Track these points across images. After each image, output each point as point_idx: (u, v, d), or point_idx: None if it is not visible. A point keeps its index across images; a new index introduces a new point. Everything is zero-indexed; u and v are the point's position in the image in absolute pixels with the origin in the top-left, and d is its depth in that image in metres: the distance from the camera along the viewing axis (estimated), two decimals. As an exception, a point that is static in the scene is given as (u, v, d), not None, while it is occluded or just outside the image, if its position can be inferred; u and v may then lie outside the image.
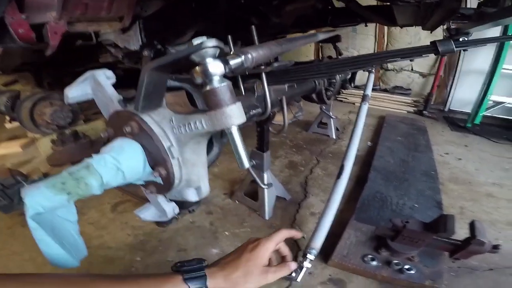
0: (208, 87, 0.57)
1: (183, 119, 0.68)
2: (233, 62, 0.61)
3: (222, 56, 0.61)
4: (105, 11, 1.48)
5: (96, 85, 0.84)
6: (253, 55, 0.68)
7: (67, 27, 1.39)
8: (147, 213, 1.00)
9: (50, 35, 1.33)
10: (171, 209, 0.98)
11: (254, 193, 1.95)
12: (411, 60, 1.13)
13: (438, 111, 4.25)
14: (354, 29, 4.59)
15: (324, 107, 3.01)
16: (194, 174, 0.78)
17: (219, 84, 0.57)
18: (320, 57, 4.41)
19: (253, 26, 1.11)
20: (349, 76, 2.42)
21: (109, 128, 0.83)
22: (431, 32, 3.11)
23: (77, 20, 1.44)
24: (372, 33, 4.69)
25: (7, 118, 4.01)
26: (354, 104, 4.47)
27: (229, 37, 1.18)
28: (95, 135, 3.18)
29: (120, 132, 0.76)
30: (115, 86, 0.87)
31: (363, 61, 0.91)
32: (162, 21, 1.60)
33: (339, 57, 2.19)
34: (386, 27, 4.55)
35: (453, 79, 4.16)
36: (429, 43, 0.86)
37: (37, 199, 0.61)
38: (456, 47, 0.80)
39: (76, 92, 0.85)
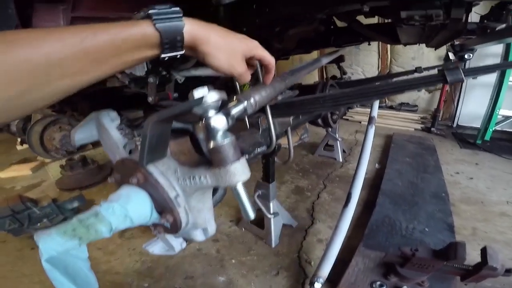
0: (211, 144, 0.57)
1: (188, 171, 0.68)
2: (235, 110, 0.61)
3: (225, 105, 0.61)
4: None
5: (100, 128, 0.85)
6: (256, 98, 0.68)
7: None
8: (155, 248, 1.00)
9: None
10: (178, 244, 0.99)
11: (260, 220, 1.93)
12: (418, 91, 1.11)
13: (446, 127, 4.20)
14: (357, 46, 4.62)
15: (330, 130, 2.99)
16: (200, 218, 0.78)
17: (222, 140, 0.57)
18: (325, 78, 4.43)
19: (257, 62, 1.12)
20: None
21: (116, 174, 0.83)
22: (435, 50, 3.10)
23: None
24: (375, 49, 4.70)
25: (18, 139, 4.11)
26: (360, 122, 4.45)
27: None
28: (103, 160, 3.22)
29: (127, 180, 0.76)
30: (123, 107, 0.88)
31: (370, 92, 0.89)
32: None
33: (343, 80, 2.18)
34: (389, 43, 4.57)
35: (460, 93, 4.12)
36: (436, 71, 0.85)
37: (50, 244, 0.63)
38: (465, 76, 0.78)
39: (82, 134, 0.86)
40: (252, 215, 0.64)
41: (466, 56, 1.92)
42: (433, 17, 0.96)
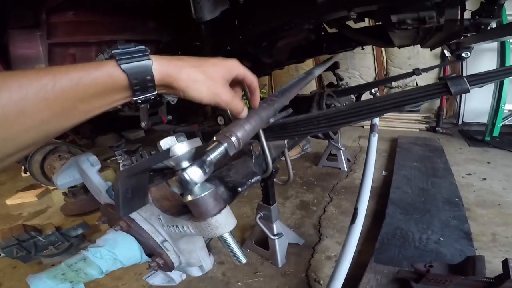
0: (189, 197, 0.52)
1: (171, 220, 0.64)
2: (214, 155, 0.55)
3: (202, 150, 0.56)
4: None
5: (81, 173, 0.82)
6: (238, 136, 0.62)
7: None
8: (156, 279, 0.97)
9: None
10: (178, 276, 0.96)
11: (265, 240, 1.86)
12: (420, 105, 1.05)
13: (452, 125, 4.10)
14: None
15: (332, 140, 2.92)
16: (193, 258, 0.74)
17: (200, 193, 0.51)
18: (321, 86, 4.37)
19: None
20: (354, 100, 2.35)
21: (103, 217, 0.79)
22: (431, 50, 3.04)
23: None
24: (370, 51, 4.67)
25: (22, 167, 4.15)
26: (363, 127, 4.38)
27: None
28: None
29: (113, 223, 0.73)
30: (124, 128, 0.84)
31: (367, 110, 0.84)
32: None
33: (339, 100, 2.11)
34: (383, 44, 4.54)
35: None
36: (435, 72, 0.80)
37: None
38: (470, 86, 0.72)
39: (64, 179, 0.83)
40: (243, 260, 0.60)
41: (463, 55, 1.85)
42: (426, 19, 0.90)
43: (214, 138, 0.59)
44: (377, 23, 1.55)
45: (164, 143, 0.51)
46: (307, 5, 0.87)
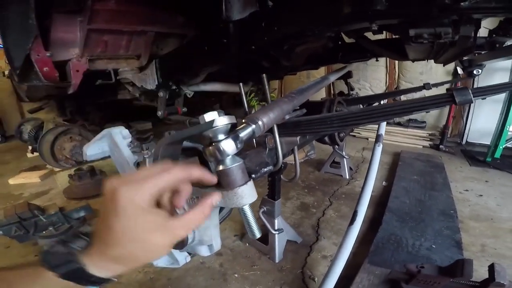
0: (220, 167, 0.58)
1: (196, 192, 0.69)
2: (244, 133, 0.62)
3: (233, 128, 0.63)
4: (124, 50, 1.58)
5: (112, 144, 0.87)
6: (264, 121, 0.69)
7: (88, 64, 1.49)
8: (159, 260, 1.00)
9: (72, 73, 1.44)
10: (183, 258, 0.99)
11: (264, 236, 1.92)
12: (426, 112, 1.11)
13: (455, 145, 4.14)
14: (364, 61, 4.63)
15: (337, 147, 2.98)
16: (206, 235, 0.78)
17: (231, 164, 0.58)
18: (332, 94, 4.44)
19: (264, 75, 1.13)
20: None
21: None
22: (443, 65, 3.07)
23: (98, 58, 1.55)
24: (383, 64, 4.69)
25: (29, 147, 4.20)
26: (367, 139, 4.44)
27: (241, 85, 1.22)
28: (110, 171, 3.26)
29: None
30: (132, 119, 0.89)
31: (378, 113, 0.90)
32: (177, 61, 1.66)
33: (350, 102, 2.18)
34: (397, 58, 4.56)
35: (469, 109, 4.07)
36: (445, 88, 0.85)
37: None
38: (474, 97, 0.77)
39: (94, 150, 0.88)
40: (258, 234, 0.65)
41: (475, 72, 1.90)
42: (442, 35, 0.95)
43: (244, 120, 0.66)
44: (393, 37, 1.61)
45: (208, 116, 0.57)
46: (333, 14, 0.92)
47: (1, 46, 1.25)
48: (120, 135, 0.86)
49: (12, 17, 1.15)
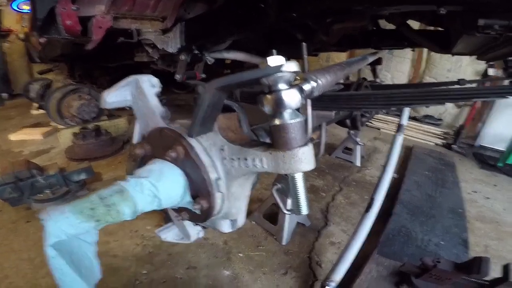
0: (277, 121, 0.49)
1: (238, 151, 0.59)
2: (307, 88, 0.53)
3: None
4: (150, 10, 1.52)
5: (138, 93, 0.77)
6: (322, 81, 0.60)
7: (112, 22, 1.43)
8: (169, 234, 0.93)
9: (94, 30, 1.39)
10: (196, 232, 0.91)
11: (272, 216, 1.87)
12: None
13: (468, 146, 4.05)
14: (390, 51, 4.44)
15: (352, 132, 2.89)
16: (234, 207, 0.70)
17: (292, 119, 0.48)
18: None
19: (304, 44, 1.04)
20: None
21: (146, 145, 0.74)
22: (486, 63, 2.91)
23: (123, 16, 1.49)
24: (409, 56, 4.52)
25: (35, 105, 4.12)
26: (379, 129, 4.34)
27: (274, 51, 1.12)
28: (116, 133, 3.17)
29: (160, 153, 0.67)
30: None
31: (433, 96, 0.81)
32: (203, 26, 1.58)
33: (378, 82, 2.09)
34: (425, 51, 4.36)
35: (490, 112, 3.95)
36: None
37: (61, 225, 0.53)
38: None
39: (115, 97, 0.78)
40: (305, 210, 0.57)
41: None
42: None
43: (304, 76, 0.57)
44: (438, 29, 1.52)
45: (273, 59, 0.47)
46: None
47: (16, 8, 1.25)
48: (149, 82, 0.75)
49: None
